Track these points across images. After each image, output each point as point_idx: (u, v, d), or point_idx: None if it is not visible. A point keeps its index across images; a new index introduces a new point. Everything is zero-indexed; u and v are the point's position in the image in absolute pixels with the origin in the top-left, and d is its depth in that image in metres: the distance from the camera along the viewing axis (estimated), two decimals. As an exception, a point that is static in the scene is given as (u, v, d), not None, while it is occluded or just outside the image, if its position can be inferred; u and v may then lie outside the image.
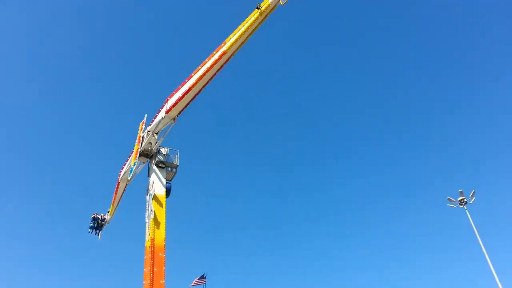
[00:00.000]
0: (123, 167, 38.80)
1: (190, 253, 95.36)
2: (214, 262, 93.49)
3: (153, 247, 29.88)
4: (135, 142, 35.77)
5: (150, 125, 34.63)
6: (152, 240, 30.23)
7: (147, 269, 29.23)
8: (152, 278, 28.54)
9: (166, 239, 30.84)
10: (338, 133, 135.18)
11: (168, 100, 32.79)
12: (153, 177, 33.63)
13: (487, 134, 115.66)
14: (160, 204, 32.33)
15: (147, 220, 31.78)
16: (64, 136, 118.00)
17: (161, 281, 28.71)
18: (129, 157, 37.12)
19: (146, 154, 34.92)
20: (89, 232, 40.93)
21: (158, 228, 31.11)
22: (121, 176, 39.10)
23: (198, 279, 37.96)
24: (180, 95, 31.60)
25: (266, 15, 28.14)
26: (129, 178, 37.72)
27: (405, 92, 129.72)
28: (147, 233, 31.17)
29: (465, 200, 47.69)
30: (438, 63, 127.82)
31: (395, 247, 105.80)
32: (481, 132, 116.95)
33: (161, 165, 34.24)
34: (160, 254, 29.98)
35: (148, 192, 33.14)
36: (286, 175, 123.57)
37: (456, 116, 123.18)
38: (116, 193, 40.73)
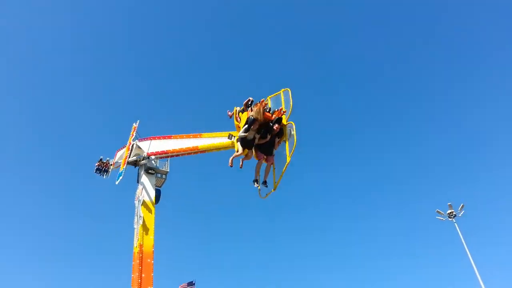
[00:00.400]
0: (114, 157, 38.40)
1: (179, 260, 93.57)
2: (204, 271, 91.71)
3: (142, 253, 29.25)
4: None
5: (138, 140, 34.52)
6: (141, 246, 29.63)
7: (135, 275, 28.58)
8: (140, 284, 27.92)
9: (154, 246, 30.28)
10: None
11: (151, 139, 32.60)
12: (142, 183, 33.18)
13: (480, 147, 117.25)
14: (149, 210, 31.80)
15: (135, 226, 31.18)
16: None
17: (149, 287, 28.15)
18: (118, 151, 36.69)
19: (135, 162, 34.57)
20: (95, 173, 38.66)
21: (146, 234, 30.51)
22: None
23: (187, 284, 36.99)
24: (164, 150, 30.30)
25: None
26: (116, 183, 37.03)
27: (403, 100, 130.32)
28: (135, 239, 30.56)
29: (454, 213, 48.08)
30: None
31: (382, 259, 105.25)
32: (474, 145, 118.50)
33: (151, 171, 33.82)
34: (149, 260, 29.35)
35: (137, 197, 32.63)
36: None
37: (450, 130, 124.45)
38: None
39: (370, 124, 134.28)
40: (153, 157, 34.25)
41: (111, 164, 39.03)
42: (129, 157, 34.05)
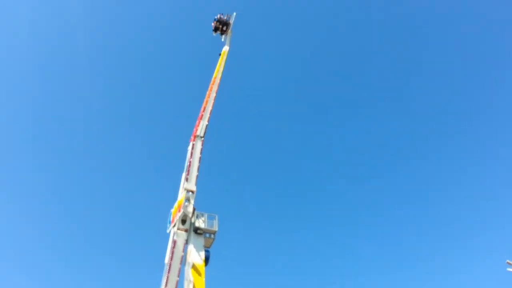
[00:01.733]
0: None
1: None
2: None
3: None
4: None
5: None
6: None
7: None
8: None
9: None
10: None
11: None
12: (191, 246, 31.98)
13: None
14: (199, 273, 30.49)
15: (185, 291, 29.68)
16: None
17: None
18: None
19: (184, 220, 33.50)
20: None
21: (197, 300, 28.92)
22: None
23: None
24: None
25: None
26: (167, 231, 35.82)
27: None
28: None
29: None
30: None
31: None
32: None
33: (199, 232, 32.70)
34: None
35: (185, 261, 31.30)
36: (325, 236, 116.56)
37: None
38: None
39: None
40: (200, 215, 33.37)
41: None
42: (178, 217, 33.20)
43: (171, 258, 30.97)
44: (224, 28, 44.64)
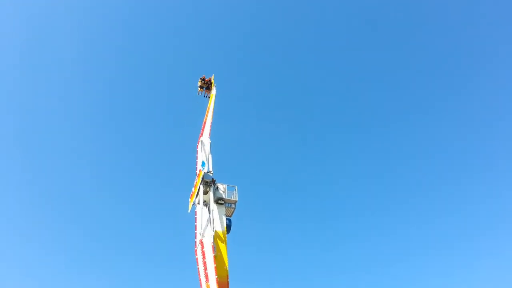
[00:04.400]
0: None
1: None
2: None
3: (218, 283, 30.05)
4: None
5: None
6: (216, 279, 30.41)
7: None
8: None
9: (229, 275, 31.04)
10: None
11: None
12: (213, 214, 34.25)
13: None
14: (222, 241, 32.87)
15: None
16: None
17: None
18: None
19: (205, 192, 35.84)
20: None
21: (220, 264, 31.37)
22: None
23: None
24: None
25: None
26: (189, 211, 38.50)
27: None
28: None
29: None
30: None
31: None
32: None
33: (220, 202, 35.00)
34: (225, 289, 30.14)
35: (209, 229, 33.66)
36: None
37: None
38: None
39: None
40: (221, 187, 35.58)
41: None
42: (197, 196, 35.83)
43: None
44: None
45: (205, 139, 41.41)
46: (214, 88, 49.77)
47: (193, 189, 36.96)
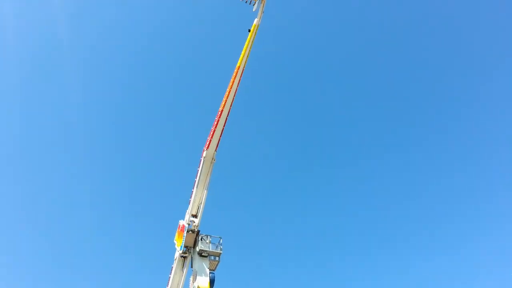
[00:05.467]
0: None
1: None
2: None
3: None
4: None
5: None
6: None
7: None
8: None
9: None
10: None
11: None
12: (195, 268, 32.49)
13: None
14: (204, 297, 30.78)
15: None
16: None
17: None
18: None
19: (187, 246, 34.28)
20: None
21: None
22: None
23: None
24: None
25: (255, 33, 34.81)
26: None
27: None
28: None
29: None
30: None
31: None
32: None
33: (204, 254, 33.18)
34: None
35: (191, 284, 31.83)
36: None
37: None
38: None
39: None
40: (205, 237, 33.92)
41: None
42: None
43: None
44: None
45: (208, 157, 36.35)
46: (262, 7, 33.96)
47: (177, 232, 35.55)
